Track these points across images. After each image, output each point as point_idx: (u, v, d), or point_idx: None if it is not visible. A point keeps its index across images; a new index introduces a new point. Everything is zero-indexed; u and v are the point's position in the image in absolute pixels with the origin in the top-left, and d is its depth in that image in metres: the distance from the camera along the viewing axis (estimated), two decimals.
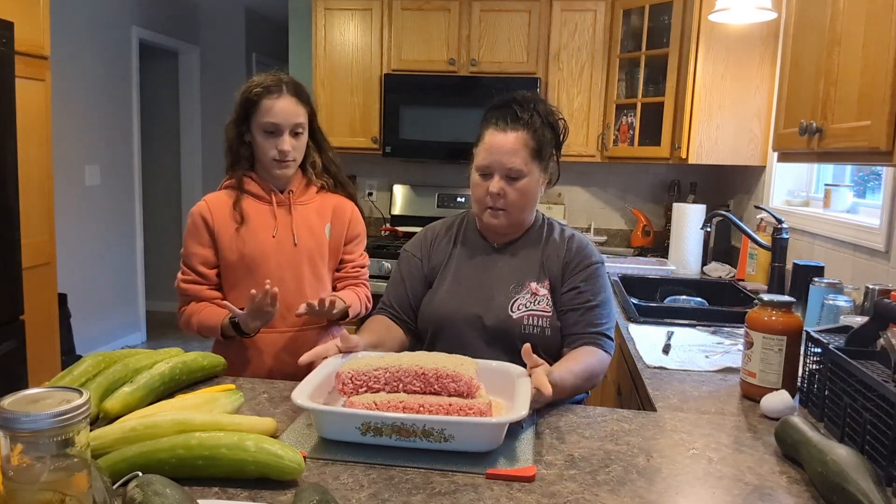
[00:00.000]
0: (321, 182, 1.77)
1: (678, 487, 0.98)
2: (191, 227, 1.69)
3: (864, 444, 1.04)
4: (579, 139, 3.57)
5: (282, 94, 1.63)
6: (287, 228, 1.70)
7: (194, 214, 1.69)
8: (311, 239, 1.72)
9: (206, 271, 1.68)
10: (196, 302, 1.68)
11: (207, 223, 1.67)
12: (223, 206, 1.69)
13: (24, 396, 0.70)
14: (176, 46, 5.29)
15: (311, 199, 1.75)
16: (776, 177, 2.93)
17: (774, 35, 2.94)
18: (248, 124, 1.66)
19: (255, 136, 1.66)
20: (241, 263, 1.67)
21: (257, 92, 1.62)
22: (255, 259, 1.67)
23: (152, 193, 5.50)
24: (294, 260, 1.70)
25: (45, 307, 3.00)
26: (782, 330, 1.31)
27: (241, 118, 1.67)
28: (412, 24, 3.58)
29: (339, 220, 1.77)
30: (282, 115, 1.62)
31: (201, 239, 1.68)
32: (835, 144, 1.48)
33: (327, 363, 1.27)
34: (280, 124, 1.62)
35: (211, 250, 1.68)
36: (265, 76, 1.67)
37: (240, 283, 1.67)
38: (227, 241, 1.67)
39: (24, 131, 2.74)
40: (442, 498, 0.93)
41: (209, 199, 1.71)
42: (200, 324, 1.65)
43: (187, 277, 1.69)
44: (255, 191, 1.71)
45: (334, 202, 1.78)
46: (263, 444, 0.94)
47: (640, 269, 3.00)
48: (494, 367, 1.30)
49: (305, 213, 1.73)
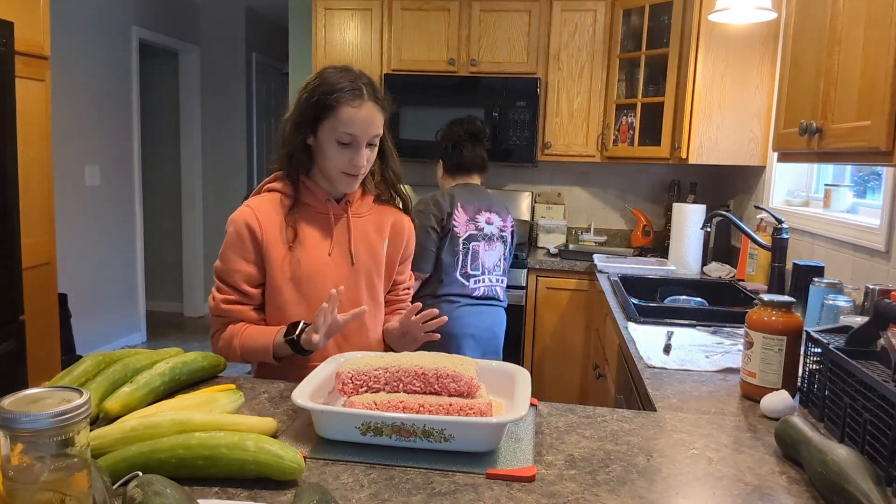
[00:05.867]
0: (377, 191, 1.59)
1: (678, 487, 0.98)
2: (234, 238, 1.45)
3: (864, 444, 1.04)
4: (579, 139, 3.57)
5: (364, 101, 1.41)
6: (344, 245, 1.52)
7: (238, 223, 1.45)
8: (369, 258, 1.55)
9: (251, 290, 1.47)
10: (233, 324, 1.48)
11: (255, 236, 1.45)
12: (273, 216, 1.47)
13: (24, 396, 0.70)
14: (176, 46, 5.29)
15: (368, 210, 1.57)
16: (776, 177, 2.93)
17: (774, 35, 2.94)
18: (316, 128, 1.44)
19: (324, 143, 1.43)
20: (292, 285, 1.47)
21: (336, 97, 1.39)
22: (309, 281, 1.47)
23: (152, 193, 5.50)
24: (351, 281, 1.51)
25: (45, 307, 3.00)
26: (782, 330, 1.31)
27: (309, 121, 1.43)
28: (412, 24, 3.58)
29: (398, 237, 1.60)
30: (362, 126, 1.41)
31: (246, 253, 1.45)
32: (835, 144, 1.48)
33: (327, 363, 1.27)
34: (359, 136, 1.41)
35: (256, 267, 1.46)
36: (339, 73, 1.43)
37: (287, 307, 1.48)
38: (279, 259, 1.46)
39: (24, 131, 2.74)
40: (442, 498, 0.93)
41: (255, 207, 1.47)
42: (245, 346, 1.45)
43: (229, 297, 1.47)
44: (311, 200, 1.50)
45: (393, 217, 1.60)
46: (263, 444, 0.94)
47: (640, 269, 3.00)
48: (494, 367, 1.30)
49: (363, 228, 1.55)
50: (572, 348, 3.37)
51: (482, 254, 2.46)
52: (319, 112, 1.42)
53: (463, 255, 2.42)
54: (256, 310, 1.50)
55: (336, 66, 1.47)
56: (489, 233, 2.48)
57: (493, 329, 2.50)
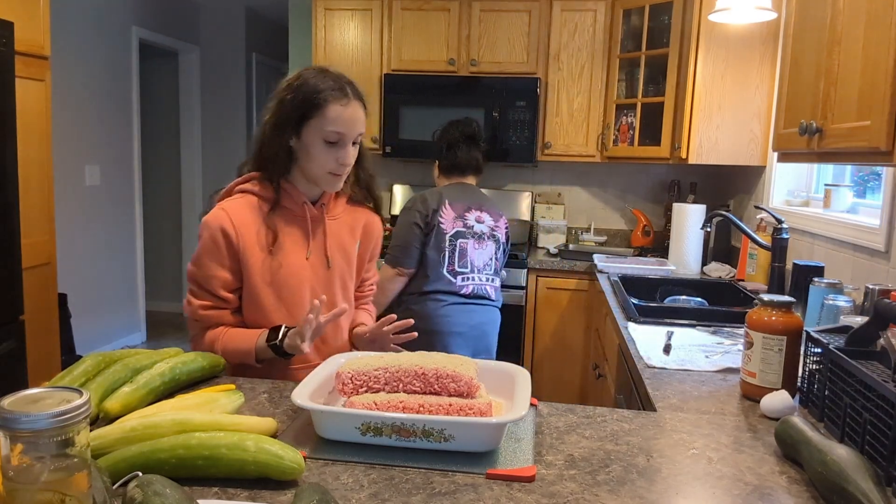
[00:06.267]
0: (351, 192, 1.60)
1: (678, 487, 0.98)
2: (209, 243, 1.43)
3: (864, 444, 1.04)
4: (579, 139, 3.57)
5: (350, 100, 1.42)
6: (321, 249, 1.53)
7: (213, 229, 1.42)
8: (343, 260, 1.57)
9: (227, 296, 1.46)
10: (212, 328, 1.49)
11: (231, 241, 1.43)
12: (249, 219, 1.45)
13: (24, 396, 0.70)
14: (176, 46, 5.29)
15: (342, 211, 1.59)
16: (776, 177, 2.93)
17: (774, 35, 2.94)
18: (300, 129, 1.42)
19: (309, 143, 1.42)
20: (271, 290, 1.47)
21: (324, 96, 1.40)
22: (288, 285, 1.47)
23: (152, 193, 5.51)
24: (327, 284, 1.53)
25: (45, 307, 3.01)
26: (782, 330, 1.31)
27: (293, 121, 1.42)
28: (412, 24, 3.58)
29: (368, 238, 1.63)
30: (350, 124, 1.42)
31: (222, 259, 1.44)
32: (835, 144, 1.48)
33: (327, 363, 1.27)
34: (346, 134, 1.42)
35: (232, 273, 1.45)
36: (321, 73, 1.44)
37: (267, 310, 1.47)
38: (257, 264, 1.45)
39: (24, 131, 2.74)
40: (442, 498, 0.93)
41: (230, 210, 1.44)
42: (226, 349, 1.45)
43: (206, 303, 1.46)
44: (288, 203, 1.49)
45: (365, 218, 1.62)
46: (263, 444, 0.94)
47: (640, 269, 3.00)
48: (494, 367, 1.30)
49: (338, 231, 1.57)
50: (572, 348, 3.37)
51: (471, 252, 2.44)
52: (306, 111, 1.41)
53: (450, 251, 2.40)
54: (234, 313, 1.50)
55: (313, 68, 1.47)
56: (479, 231, 2.46)
57: (482, 327, 2.47)
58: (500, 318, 2.57)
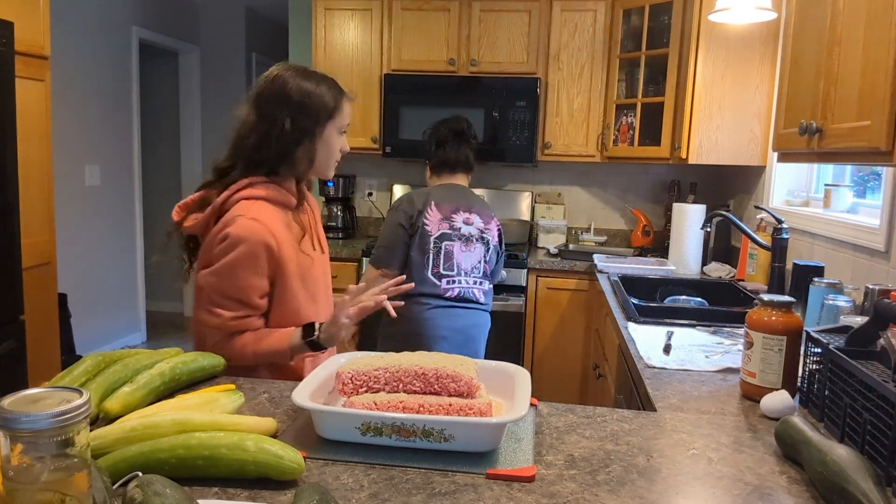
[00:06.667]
0: None
1: (678, 487, 0.98)
2: (247, 256, 1.43)
3: (864, 444, 1.04)
4: (579, 139, 3.57)
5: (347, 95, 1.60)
6: (317, 236, 1.63)
7: (252, 242, 1.43)
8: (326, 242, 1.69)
9: (261, 302, 1.49)
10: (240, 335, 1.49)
11: (273, 253, 1.46)
12: (280, 227, 1.50)
13: (24, 396, 0.70)
14: (176, 46, 5.29)
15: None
16: (776, 177, 2.93)
17: (774, 35, 2.94)
18: (324, 128, 1.54)
19: (329, 137, 1.55)
20: (303, 287, 1.53)
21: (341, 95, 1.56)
22: (314, 279, 1.55)
23: (152, 193, 5.50)
24: (326, 269, 1.64)
25: (45, 307, 3.01)
26: (782, 330, 1.31)
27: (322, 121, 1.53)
28: (412, 24, 3.58)
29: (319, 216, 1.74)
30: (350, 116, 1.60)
31: (261, 269, 1.45)
32: (835, 144, 1.48)
33: (327, 363, 1.28)
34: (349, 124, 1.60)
35: (268, 280, 1.48)
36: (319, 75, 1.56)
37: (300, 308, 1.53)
38: (293, 267, 1.50)
39: (24, 131, 2.74)
40: (442, 498, 0.93)
41: (265, 221, 1.46)
42: (259, 352, 1.47)
43: (238, 314, 1.47)
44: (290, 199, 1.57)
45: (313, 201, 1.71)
46: (263, 444, 0.94)
47: (640, 269, 3.00)
48: (494, 367, 1.30)
49: (315, 216, 1.68)
50: (572, 348, 3.37)
51: (457, 254, 2.37)
52: (332, 111, 1.54)
53: (434, 253, 2.34)
54: (260, 317, 1.52)
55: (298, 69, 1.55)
56: (467, 233, 2.39)
57: (468, 331, 2.39)
58: (489, 321, 2.49)
